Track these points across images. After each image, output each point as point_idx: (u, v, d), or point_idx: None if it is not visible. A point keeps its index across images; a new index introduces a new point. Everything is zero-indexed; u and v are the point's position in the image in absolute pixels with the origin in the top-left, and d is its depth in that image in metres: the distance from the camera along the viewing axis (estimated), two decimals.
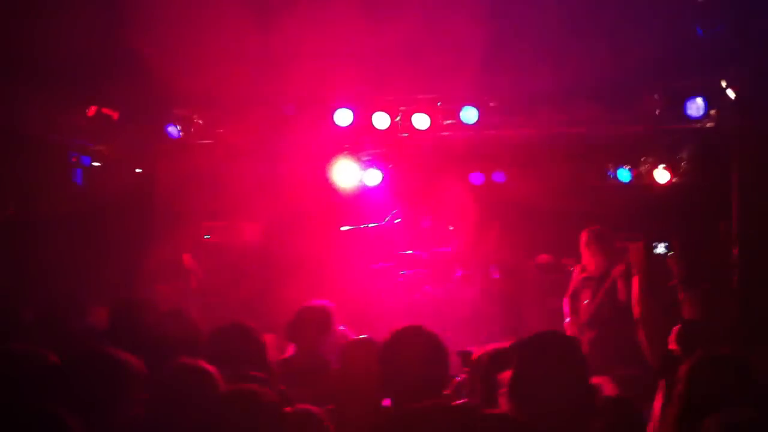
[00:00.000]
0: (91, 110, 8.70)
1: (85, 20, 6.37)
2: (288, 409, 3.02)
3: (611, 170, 9.28)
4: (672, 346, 4.62)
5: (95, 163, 9.65)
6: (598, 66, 7.01)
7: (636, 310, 5.02)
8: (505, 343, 3.66)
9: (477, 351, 3.80)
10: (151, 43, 6.62)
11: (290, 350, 5.07)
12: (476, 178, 9.87)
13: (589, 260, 7.22)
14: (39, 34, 6.49)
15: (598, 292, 7.04)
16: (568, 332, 6.91)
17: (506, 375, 2.93)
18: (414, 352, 3.27)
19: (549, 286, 8.48)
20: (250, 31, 6.61)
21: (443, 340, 3.42)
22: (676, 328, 4.72)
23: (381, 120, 8.50)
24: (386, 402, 3.62)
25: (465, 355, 4.04)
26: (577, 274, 7.40)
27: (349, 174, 9.61)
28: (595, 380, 3.22)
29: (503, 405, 3.05)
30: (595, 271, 7.14)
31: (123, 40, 6.72)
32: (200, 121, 9.17)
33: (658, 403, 4.32)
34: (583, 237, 7.22)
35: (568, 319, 7.32)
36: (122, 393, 2.89)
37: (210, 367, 3.13)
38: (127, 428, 2.86)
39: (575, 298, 7.33)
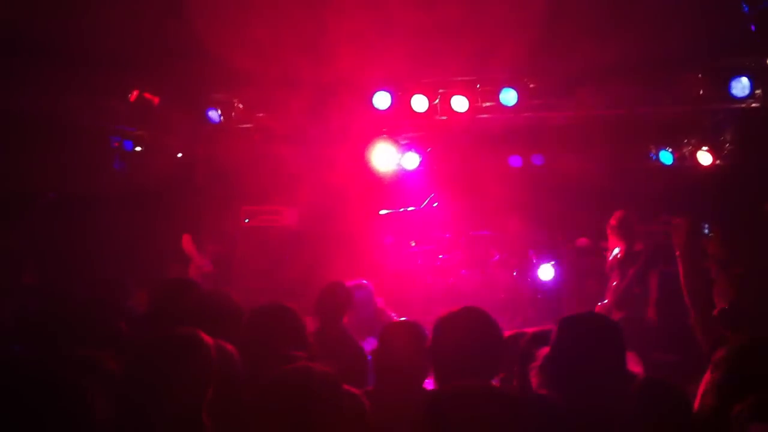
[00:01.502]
0: (133, 95, 8.80)
1: (127, 6, 6.44)
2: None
3: (653, 152, 9.14)
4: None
5: (137, 148, 9.77)
6: (639, 45, 6.89)
7: (684, 293, 4.97)
8: (544, 327, 3.63)
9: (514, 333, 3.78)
10: (191, 28, 6.66)
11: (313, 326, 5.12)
12: (515, 160, 9.80)
13: (615, 244, 7.37)
14: (80, 21, 6.58)
15: (625, 275, 7.17)
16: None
17: (543, 351, 2.91)
18: (470, 332, 3.20)
19: (587, 270, 8.43)
20: (289, 15, 6.61)
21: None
22: (715, 311, 4.63)
23: (419, 103, 8.47)
24: (427, 384, 3.63)
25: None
26: (607, 259, 7.52)
27: (387, 157, 9.61)
28: (633, 368, 3.17)
29: (533, 379, 3.02)
30: (621, 254, 7.28)
31: (164, 26, 6.78)
32: (240, 106, 9.23)
33: (701, 388, 4.26)
34: (610, 222, 7.38)
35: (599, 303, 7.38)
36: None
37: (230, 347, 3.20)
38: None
39: (605, 282, 7.45)
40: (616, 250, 7.42)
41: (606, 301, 7.31)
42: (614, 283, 7.31)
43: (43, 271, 7.48)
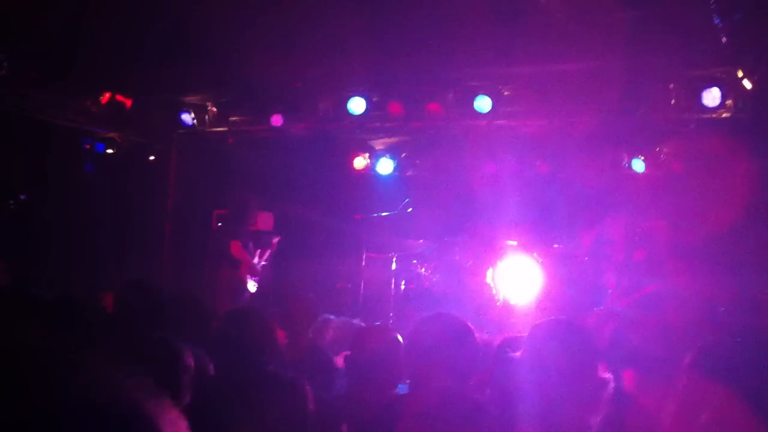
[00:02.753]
0: (105, 97, 8.71)
1: (99, 7, 6.37)
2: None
3: (626, 161, 9.22)
4: None
5: (108, 151, 9.67)
6: (614, 55, 6.94)
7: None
8: (517, 334, 3.64)
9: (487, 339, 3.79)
10: (165, 30, 6.61)
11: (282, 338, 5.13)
12: (489, 167, 9.82)
13: (616, 252, 7.41)
14: (53, 20, 6.50)
15: (620, 281, 7.20)
16: (592, 320, 6.96)
17: (515, 356, 2.93)
18: (442, 339, 3.22)
19: (563, 276, 8.45)
20: (264, 18, 6.58)
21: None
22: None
23: (395, 108, 8.47)
24: (400, 389, 3.62)
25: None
26: (603, 266, 7.55)
27: (361, 162, 9.59)
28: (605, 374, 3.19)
29: (506, 384, 3.03)
30: (619, 262, 7.30)
31: (136, 27, 6.71)
32: (214, 109, 9.17)
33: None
34: (614, 230, 7.43)
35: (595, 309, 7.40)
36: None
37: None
38: None
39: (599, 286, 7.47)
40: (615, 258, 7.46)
41: (601, 307, 7.34)
42: (609, 291, 7.31)
43: (14, 272, 7.38)
